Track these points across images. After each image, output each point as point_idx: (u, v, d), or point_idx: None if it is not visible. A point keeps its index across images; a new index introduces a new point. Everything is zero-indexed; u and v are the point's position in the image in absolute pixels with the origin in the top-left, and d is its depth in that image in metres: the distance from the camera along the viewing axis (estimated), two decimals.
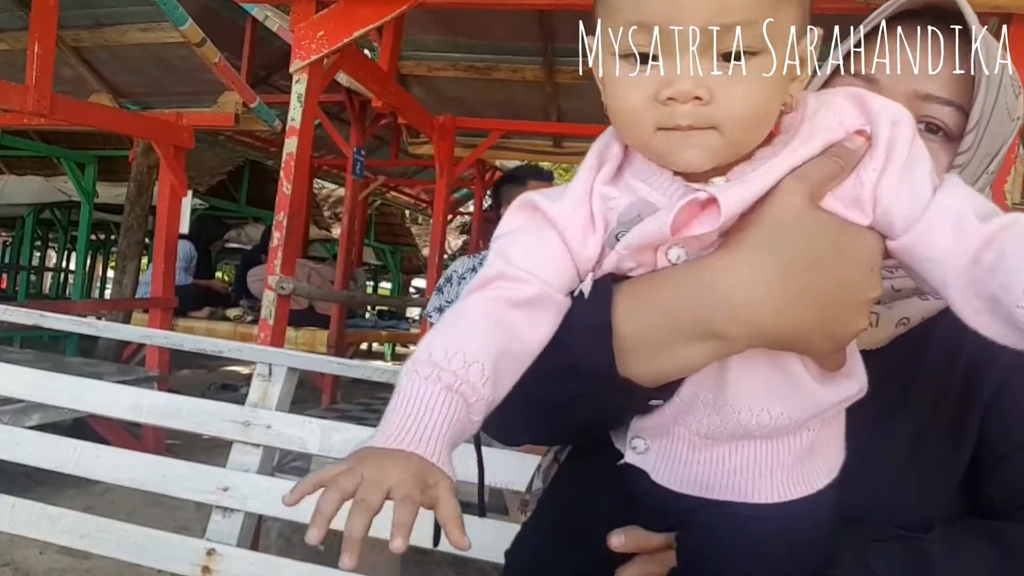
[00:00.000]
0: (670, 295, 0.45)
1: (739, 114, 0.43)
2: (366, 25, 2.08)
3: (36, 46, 2.39)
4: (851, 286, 0.44)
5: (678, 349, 0.45)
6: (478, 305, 0.45)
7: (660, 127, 0.43)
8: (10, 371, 1.46)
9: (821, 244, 0.44)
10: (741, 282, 0.43)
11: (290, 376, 1.37)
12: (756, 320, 0.43)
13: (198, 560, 1.24)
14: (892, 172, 0.44)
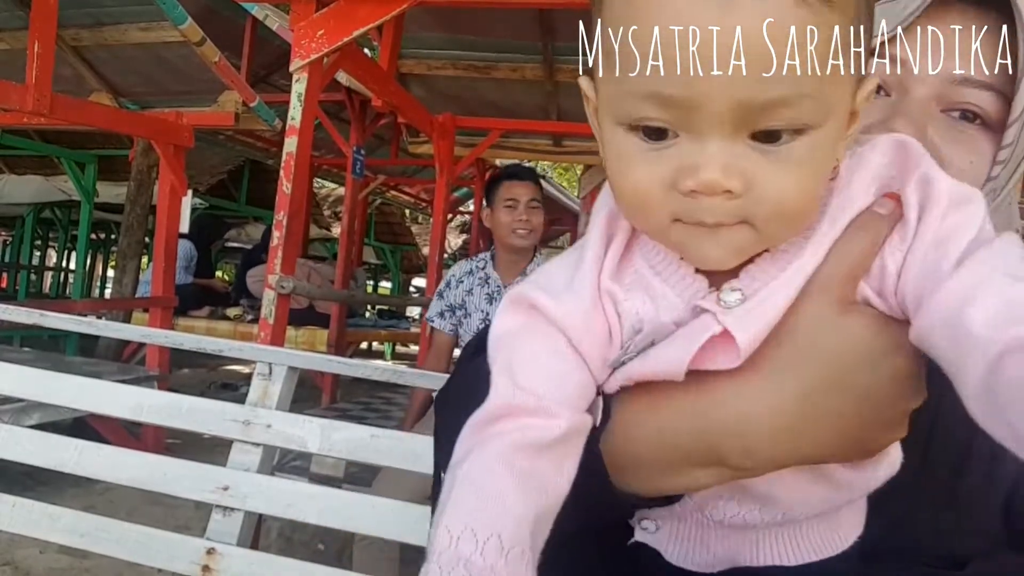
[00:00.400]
0: (671, 416, 0.39)
1: (781, 207, 0.34)
2: (366, 24, 2.08)
3: (36, 45, 2.39)
4: (883, 402, 0.37)
5: (683, 473, 0.40)
6: (498, 461, 0.36)
7: (678, 219, 0.35)
8: (10, 370, 1.46)
9: (849, 361, 0.37)
10: (754, 411, 0.37)
11: (290, 375, 1.37)
12: (771, 453, 0.37)
13: (198, 559, 1.24)
14: (919, 248, 0.36)
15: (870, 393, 0.37)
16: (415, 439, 1.27)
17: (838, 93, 0.34)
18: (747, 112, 0.32)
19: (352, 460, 1.75)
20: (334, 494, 1.29)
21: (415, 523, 1.21)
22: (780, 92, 0.32)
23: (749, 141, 0.33)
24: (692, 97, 0.32)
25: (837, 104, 0.34)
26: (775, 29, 0.30)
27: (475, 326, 2.04)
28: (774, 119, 0.33)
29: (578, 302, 0.40)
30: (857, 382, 0.37)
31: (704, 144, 0.33)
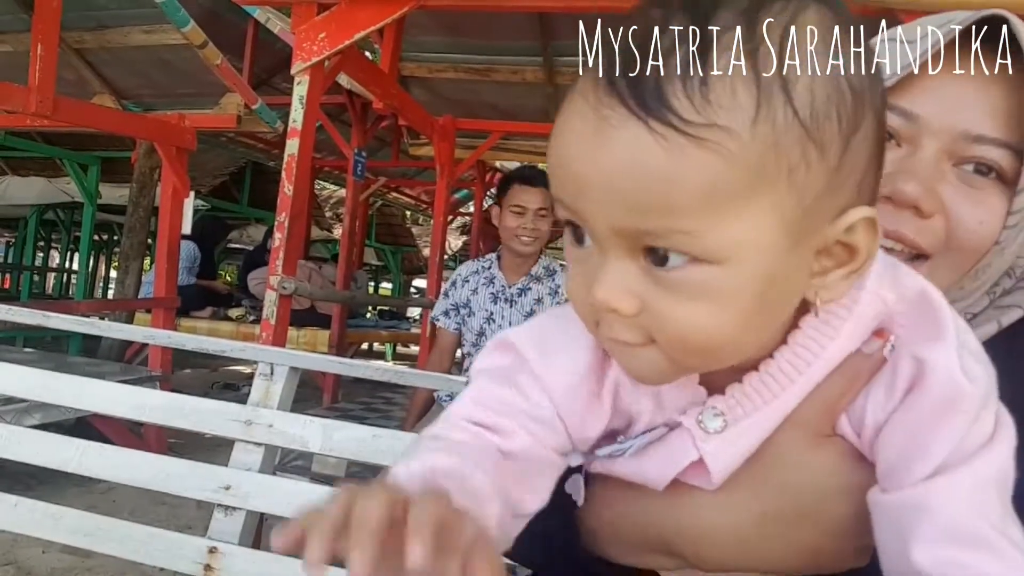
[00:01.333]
0: (636, 510, 0.41)
1: (683, 338, 0.33)
2: (367, 27, 2.09)
3: (39, 48, 2.41)
4: (845, 534, 0.38)
5: (643, 556, 0.42)
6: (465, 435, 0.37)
7: (599, 329, 0.35)
8: (13, 371, 1.47)
9: (812, 493, 0.37)
10: (709, 523, 0.38)
11: (292, 375, 1.38)
12: (722, 561, 0.39)
13: (200, 558, 1.25)
14: (897, 431, 0.35)
15: (832, 525, 0.38)
16: (416, 439, 1.28)
17: (747, 232, 0.31)
18: (630, 238, 0.32)
19: (353, 460, 1.76)
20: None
21: None
22: (647, 225, 0.31)
23: (643, 261, 0.32)
24: (578, 213, 0.33)
25: (749, 242, 0.31)
26: (639, 166, 0.30)
27: (478, 325, 2.05)
28: (656, 242, 0.32)
29: (568, 370, 0.39)
30: (819, 513, 0.37)
31: (604, 260, 0.33)
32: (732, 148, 0.30)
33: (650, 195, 0.30)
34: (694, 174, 0.30)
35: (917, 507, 0.33)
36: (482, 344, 2.05)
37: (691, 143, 0.30)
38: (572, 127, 0.32)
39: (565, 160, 0.33)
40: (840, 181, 0.33)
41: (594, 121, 0.31)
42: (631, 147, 0.30)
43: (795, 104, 0.31)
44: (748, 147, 0.30)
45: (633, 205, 0.31)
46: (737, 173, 0.30)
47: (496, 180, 6.54)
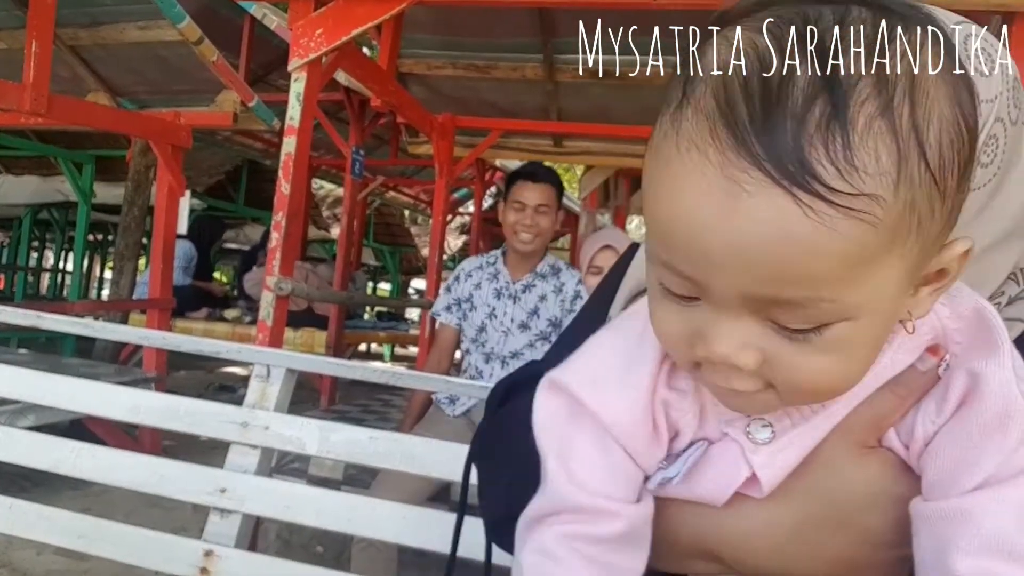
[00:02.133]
0: (678, 516, 0.41)
1: (805, 388, 0.33)
2: (365, 23, 2.06)
3: (33, 45, 2.38)
4: (883, 545, 0.38)
5: (684, 561, 0.42)
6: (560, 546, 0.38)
7: (701, 370, 0.35)
8: (7, 372, 1.45)
9: (854, 503, 0.37)
10: (749, 530, 0.39)
11: (288, 377, 1.36)
12: (760, 566, 0.39)
13: (196, 561, 1.23)
14: (947, 443, 0.35)
15: (872, 535, 0.37)
16: (413, 441, 1.26)
17: (880, 289, 0.31)
18: (760, 304, 0.31)
19: (350, 462, 1.74)
20: (332, 496, 1.28)
21: (413, 525, 1.20)
22: (788, 295, 0.30)
23: (769, 323, 0.31)
24: (702, 282, 0.31)
25: (879, 298, 0.31)
26: (781, 238, 0.28)
27: (479, 320, 2.03)
28: (790, 320, 0.31)
29: (629, 403, 0.39)
30: (860, 523, 0.37)
31: (720, 318, 0.32)
32: (879, 215, 0.28)
33: (792, 267, 0.29)
34: (841, 244, 0.28)
35: (961, 517, 0.33)
36: (481, 339, 2.02)
37: (840, 214, 0.28)
38: (694, 188, 0.30)
39: (686, 226, 0.30)
40: (952, 219, 0.32)
41: (723, 184, 0.29)
42: (773, 218, 0.28)
43: (927, 157, 0.29)
44: (891, 211, 0.29)
45: (771, 276, 0.29)
46: (881, 238, 0.29)
47: (496, 179, 6.54)
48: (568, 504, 0.38)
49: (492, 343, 2.01)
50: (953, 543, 0.32)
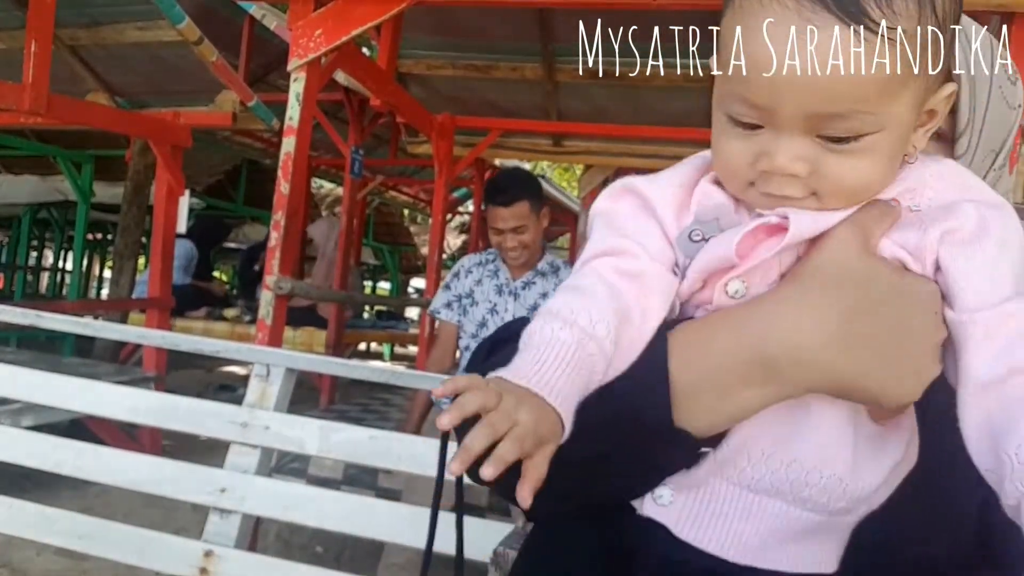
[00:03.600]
0: (727, 336, 0.44)
1: (842, 188, 0.43)
2: (364, 23, 2.07)
3: (33, 45, 2.38)
4: (917, 331, 0.42)
5: (735, 394, 0.43)
6: (592, 275, 0.46)
7: (754, 186, 0.44)
8: (7, 372, 1.45)
9: (881, 289, 0.43)
10: (803, 324, 0.42)
11: (288, 376, 1.36)
12: (820, 363, 0.42)
13: (196, 561, 1.23)
14: (961, 241, 0.42)
15: (902, 320, 0.42)
16: (414, 441, 1.26)
17: (901, 107, 0.42)
18: (816, 121, 0.41)
19: (351, 462, 1.74)
20: (332, 496, 1.28)
21: (414, 525, 1.21)
22: (840, 109, 0.40)
23: (817, 139, 0.41)
24: (771, 106, 0.41)
25: (900, 114, 0.42)
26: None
27: (481, 315, 2.03)
28: (837, 130, 0.41)
29: (672, 187, 0.48)
30: (891, 309, 0.42)
31: (780, 137, 0.42)
32: (907, 45, 0.40)
33: (848, 84, 0.39)
34: (883, 67, 0.39)
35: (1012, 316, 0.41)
36: (482, 335, 2.03)
37: (882, 42, 0.39)
38: (777, 29, 0.40)
39: (767, 58, 0.40)
40: (943, 71, 0.43)
41: (799, 24, 0.39)
42: (836, 46, 0.39)
43: (936, 11, 0.41)
44: (914, 41, 0.40)
45: (831, 94, 0.40)
46: (907, 65, 0.40)
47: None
48: (602, 248, 0.46)
49: None
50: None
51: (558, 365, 0.40)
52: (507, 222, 1.93)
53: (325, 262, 4.89)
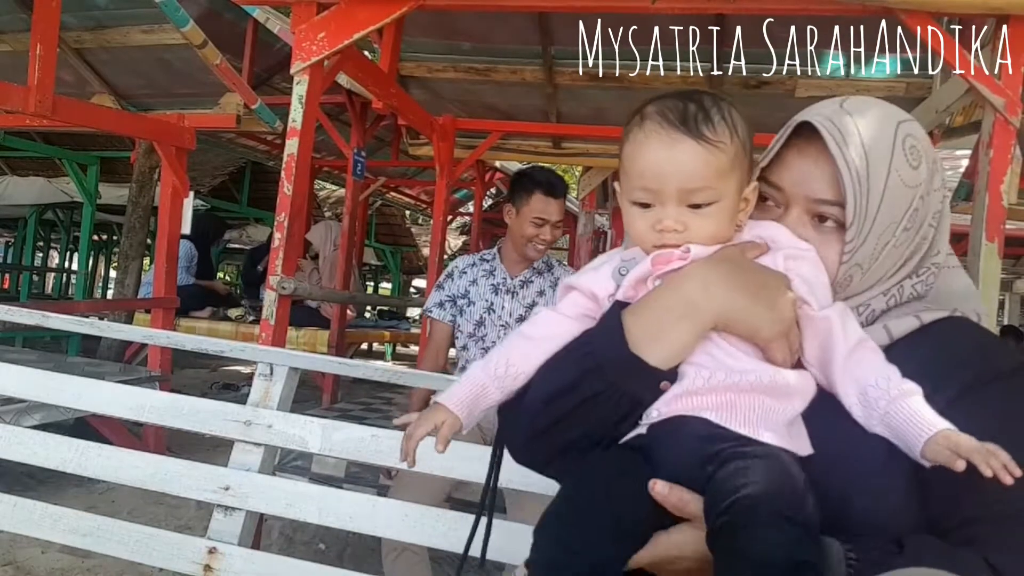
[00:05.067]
0: (661, 297, 0.67)
1: (704, 237, 0.68)
2: (367, 27, 2.08)
3: (38, 48, 2.40)
4: (772, 287, 0.66)
5: (671, 328, 0.65)
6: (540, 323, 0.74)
7: (654, 245, 0.69)
8: (13, 371, 1.47)
9: (749, 266, 0.67)
10: (709, 279, 0.66)
11: (291, 376, 1.38)
12: (719, 300, 0.65)
13: (200, 559, 1.25)
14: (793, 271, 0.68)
15: (764, 280, 0.66)
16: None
17: (730, 188, 0.68)
18: (684, 195, 0.67)
19: (353, 460, 1.76)
20: (335, 494, 1.30)
21: (415, 524, 1.22)
22: (698, 186, 0.67)
23: (686, 208, 0.68)
24: (658, 190, 0.68)
25: (730, 191, 0.68)
26: (693, 163, 0.66)
27: (478, 314, 2.05)
28: (697, 200, 0.67)
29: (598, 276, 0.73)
30: (755, 274, 0.67)
31: (665, 208, 0.68)
32: (726, 150, 0.68)
33: (696, 173, 0.67)
34: (715, 162, 0.67)
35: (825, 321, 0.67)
36: (479, 334, 2.04)
37: (714, 147, 0.67)
38: (653, 144, 0.68)
39: (650, 162, 0.68)
40: (749, 168, 0.71)
41: (668, 141, 0.67)
42: (688, 151, 0.67)
43: (739, 134, 0.69)
44: (730, 150, 0.68)
45: (688, 178, 0.67)
46: (728, 161, 0.68)
47: (496, 179, 6.54)
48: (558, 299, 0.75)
49: (492, 337, 2.03)
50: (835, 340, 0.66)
51: (465, 389, 0.71)
52: (555, 214, 1.97)
53: (327, 265, 4.91)
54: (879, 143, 0.68)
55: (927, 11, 1.76)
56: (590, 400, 0.65)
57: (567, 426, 0.67)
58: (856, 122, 0.69)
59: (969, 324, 0.71)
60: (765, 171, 0.74)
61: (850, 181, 0.67)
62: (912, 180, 0.68)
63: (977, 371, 0.65)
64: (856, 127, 0.68)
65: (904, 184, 0.68)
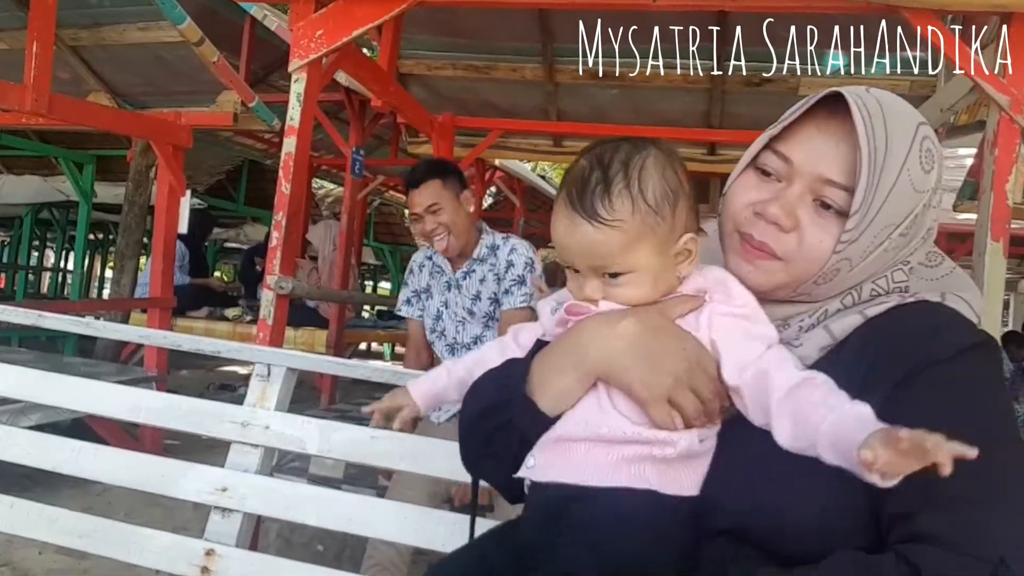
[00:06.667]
0: (559, 344, 0.72)
1: (622, 302, 0.70)
2: (365, 24, 2.07)
3: (34, 45, 2.39)
4: (668, 352, 0.66)
5: (558, 376, 0.69)
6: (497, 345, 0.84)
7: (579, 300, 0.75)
8: (9, 371, 1.45)
9: (655, 324, 0.68)
10: (598, 328, 0.69)
11: (289, 376, 1.37)
12: (602, 349, 0.68)
13: (197, 560, 1.23)
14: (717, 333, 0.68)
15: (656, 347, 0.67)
16: (415, 440, 1.27)
17: (641, 258, 0.68)
18: (595, 268, 0.69)
19: (351, 461, 1.74)
20: (333, 495, 1.29)
21: (414, 525, 1.21)
22: (601, 263, 0.68)
23: (605, 277, 0.69)
24: (571, 262, 0.71)
25: (643, 260, 0.68)
26: (590, 243, 0.68)
27: (435, 308, 2.02)
28: (609, 271, 0.69)
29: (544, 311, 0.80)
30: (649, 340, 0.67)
31: (586, 277, 0.70)
32: (626, 227, 0.67)
33: (598, 252, 0.68)
34: (614, 239, 0.67)
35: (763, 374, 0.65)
36: (439, 328, 2.01)
37: (609, 227, 0.67)
38: (560, 223, 0.70)
39: (558, 238, 0.70)
40: (675, 226, 0.69)
41: (567, 221, 0.69)
42: (586, 232, 0.67)
43: (647, 201, 0.67)
44: (632, 224, 0.67)
45: (592, 256, 0.69)
46: (632, 236, 0.67)
47: (496, 178, 6.54)
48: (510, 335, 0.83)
49: (451, 332, 2.00)
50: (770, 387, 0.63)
51: (429, 382, 0.88)
52: (421, 203, 1.87)
53: (327, 264, 4.90)
54: (900, 136, 0.65)
55: (930, 9, 1.75)
56: (497, 429, 0.71)
57: (485, 445, 0.73)
58: (884, 108, 0.65)
59: (926, 307, 0.67)
60: (775, 140, 0.70)
61: (867, 165, 0.63)
62: (921, 184, 0.66)
63: (917, 358, 0.62)
64: (882, 113, 0.65)
65: (913, 186, 0.65)
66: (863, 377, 0.63)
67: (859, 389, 0.60)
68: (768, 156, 0.70)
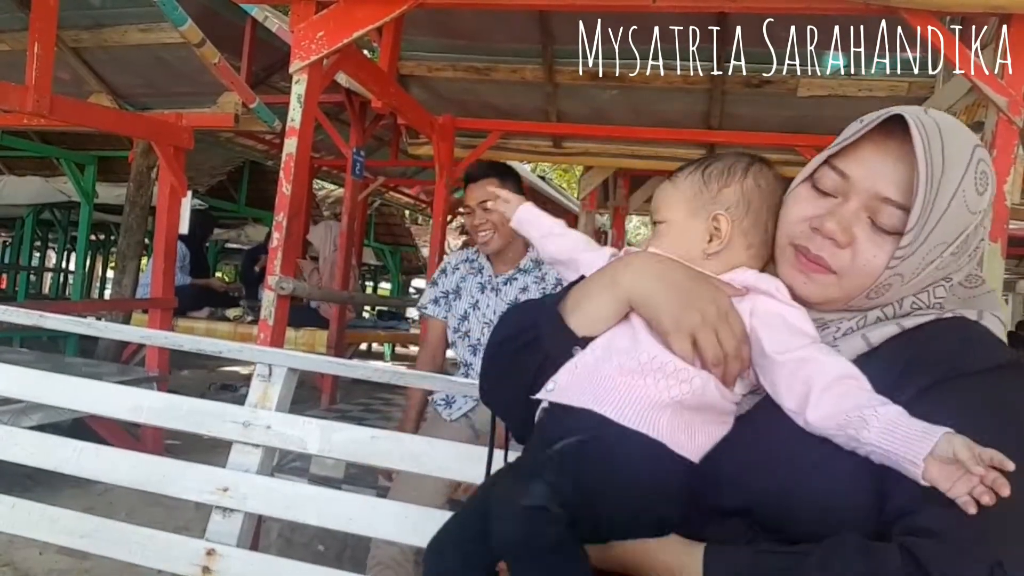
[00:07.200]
0: (599, 272, 0.76)
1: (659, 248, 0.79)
2: (366, 26, 2.07)
3: (36, 47, 2.39)
4: (698, 292, 0.69)
5: (593, 298, 0.73)
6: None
7: None
8: (10, 371, 1.46)
9: (687, 269, 0.73)
10: (636, 260, 0.75)
11: (290, 376, 1.37)
12: (637, 276, 0.72)
13: (198, 560, 1.24)
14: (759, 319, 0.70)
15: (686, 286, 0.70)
16: (415, 440, 1.27)
17: (679, 211, 0.78)
18: (653, 219, 0.80)
19: (352, 461, 1.75)
20: (333, 495, 1.29)
21: (414, 525, 1.21)
22: (654, 210, 0.80)
23: (655, 227, 0.80)
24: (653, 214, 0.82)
25: (680, 215, 0.78)
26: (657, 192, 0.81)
27: (463, 309, 2.03)
28: (655, 217, 0.80)
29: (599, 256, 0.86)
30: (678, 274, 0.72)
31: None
32: (680, 185, 0.80)
33: (655, 201, 0.81)
34: (666, 192, 0.81)
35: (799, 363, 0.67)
36: (464, 329, 2.02)
37: (672, 183, 0.81)
38: None
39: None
40: (717, 200, 0.77)
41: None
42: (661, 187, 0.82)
43: (704, 173, 0.79)
44: (684, 185, 0.79)
45: (653, 206, 0.82)
46: (678, 194, 0.79)
47: None
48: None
49: (476, 334, 2.01)
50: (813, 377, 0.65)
51: (538, 215, 1.00)
52: (474, 198, 1.95)
53: (327, 265, 4.90)
54: (957, 158, 0.66)
55: (929, 10, 1.76)
56: (521, 349, 0.74)
57: (508, 366, 0.76)
58: (941, 130, 0.67)
59: (961, 322, 0.70)
60: (833, 158, 0.72)
61: (924, 184, 0.64)
62: (975, 206, 0.67)
63: (945, 368, 0.64)
64: (940, 135, 0.66)
65: (967, 207, 0.66)
66: (893, 382, 0.64)
67: (887, 393, 0.63)
68: (825, 172, 0.72)
